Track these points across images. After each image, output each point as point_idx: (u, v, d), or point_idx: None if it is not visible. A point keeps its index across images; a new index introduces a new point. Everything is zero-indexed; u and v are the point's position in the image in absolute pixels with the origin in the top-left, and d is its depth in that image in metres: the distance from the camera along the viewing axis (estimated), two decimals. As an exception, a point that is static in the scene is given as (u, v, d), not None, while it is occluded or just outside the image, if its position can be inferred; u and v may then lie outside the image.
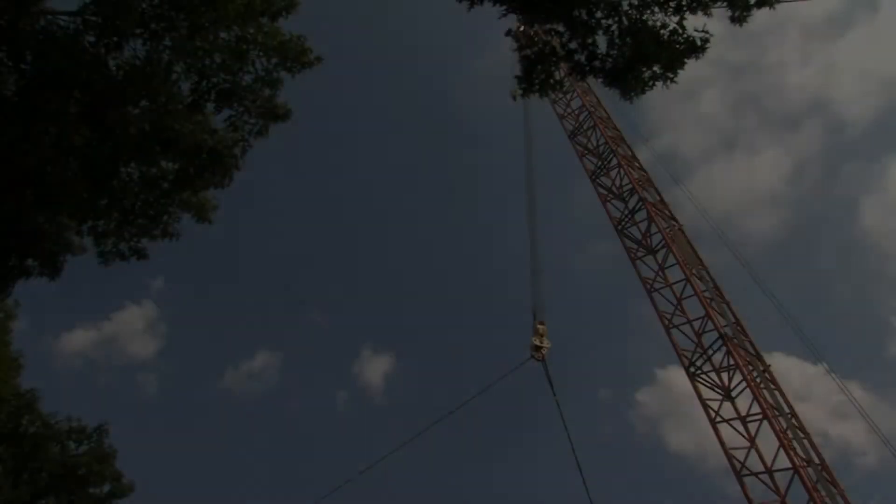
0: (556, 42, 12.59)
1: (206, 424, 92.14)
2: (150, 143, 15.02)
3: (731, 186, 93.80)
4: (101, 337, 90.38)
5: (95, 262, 16.77)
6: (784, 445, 25.26)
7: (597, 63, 12.17)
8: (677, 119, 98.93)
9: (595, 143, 35.65)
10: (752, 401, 27.04)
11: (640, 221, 32.54)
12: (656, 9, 11.80)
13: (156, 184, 16.25)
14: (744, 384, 27.43)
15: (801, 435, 26.31)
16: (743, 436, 27.02)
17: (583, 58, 12.24)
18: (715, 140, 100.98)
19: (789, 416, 26.75)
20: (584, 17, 11.87)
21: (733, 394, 28.02)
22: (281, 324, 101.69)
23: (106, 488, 19.79)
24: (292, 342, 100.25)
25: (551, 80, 12.95)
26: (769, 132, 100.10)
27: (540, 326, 28.82)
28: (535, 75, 12.75)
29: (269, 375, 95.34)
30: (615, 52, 11.97)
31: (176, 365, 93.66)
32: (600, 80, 12.50)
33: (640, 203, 32.48)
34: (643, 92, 12.39)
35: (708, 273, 31.16)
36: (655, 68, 11.90)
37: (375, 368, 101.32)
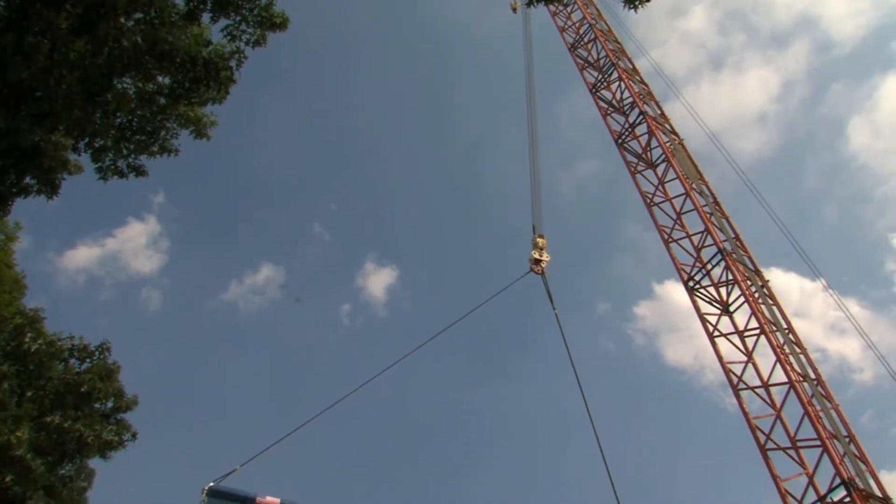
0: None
1: (210, 339, 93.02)
2: (144, 56, 14.68)
3: (717, 105, 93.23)
4: (105, 254, 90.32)
5: (96, 180, 16.61)
6: (781, 360, 25.45)
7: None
8: (664, 36, 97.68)
9: (595, 56, 35.11)
10: (750, 315, 27.15)
11: (641, 136, 32.24)
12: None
13: (152, 99, 16.00)
14: (742, 299, 27.50)
15: (798, 350, 26.51)
16: (740, 350, 27.23)
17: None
18: (702, 58, 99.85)
19: (786, 331, 26.91)
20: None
21: (731, 308, 28.13)
22: (284, 237, 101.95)
23: (110, 404, 19.95)
24: (296, 255, 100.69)
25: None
26: (757, 50, 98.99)
27: (539, 240, 28.72)
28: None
29: (273, 289, 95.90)
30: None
31: (179, 280, 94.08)
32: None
33: (641, 117, 32.08)
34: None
35: (708, 187, 31.00)
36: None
37: (378, 281, 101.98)
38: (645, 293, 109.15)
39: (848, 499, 22.45)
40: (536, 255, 28.28)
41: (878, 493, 23.05)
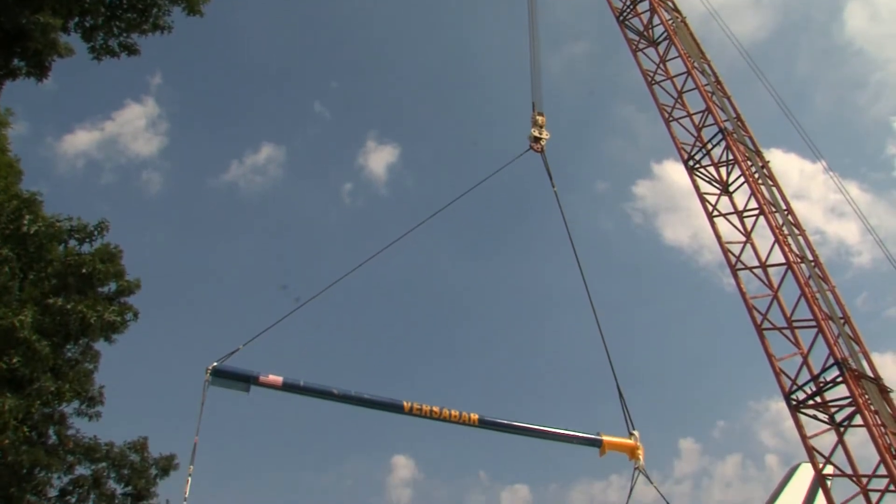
0: None
1: (212, 220, 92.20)
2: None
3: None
4: (103, 137, 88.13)
5: (91, 62, 15.90)
6: (779, 241, 25.53)
7: None
8: None
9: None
10: (750, 196, 27.10)
11: (643, 13, 31.39)
12: None
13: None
14: (742, 179, 27.40)
15: (797, 232, 26.60)
16: (739, 230, 27.27)
17: None
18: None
19: (786, 212, 26.92)
20: None
21: (731, 188, 28.05)
22: (284, 116, 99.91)
23: (112, 287, 19.57)
24: (296, 134, 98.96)
25: None
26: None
27: (539, 117, 28.06)
28: None
29: (274, 169, 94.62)
30: None
31: (180, 162, 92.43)
32: None
33: (643, -7, 31.24)
34: None
35: (710, 66, 30.43)
36: None
37: (379, 160, 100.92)
38: (644, 172, 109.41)
39: (840, 378, 22.96)
40: (536, 133, 27.65)
41: (870, 374, 23.58)
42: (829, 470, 23.60)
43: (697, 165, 28.58)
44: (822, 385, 23.74)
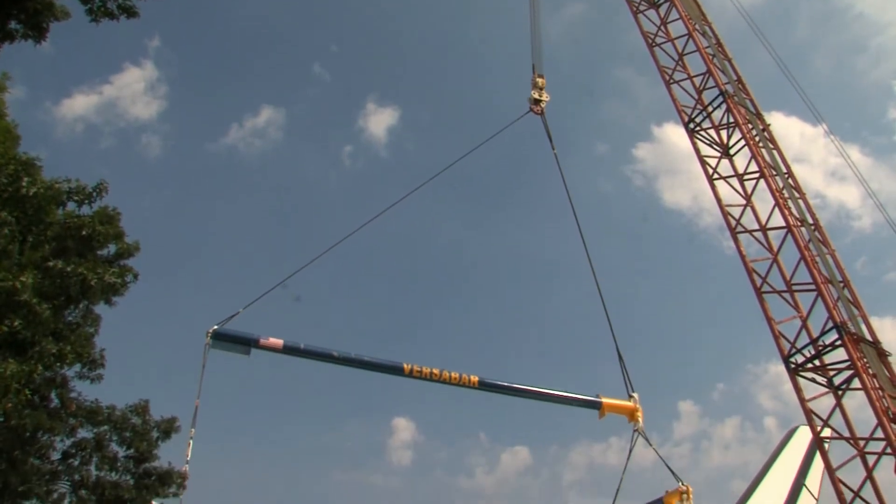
0: None
1: (212, 183, 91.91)
2: None
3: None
4: (102, 101, 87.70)
5: (88, 24, 15.63)
6: (779, 204, 25.52)
7: None
8: None
9: None
10: (750, 159, 27.05)
11: (645, -25, 31.11)
12: None
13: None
14: (742, 142, 27.33)
15: (797, 195, 26.58)
16: (739, 193, 27.23)
17: None
18: None
19: (786, 175, 26.88)
20: None
21: (732, 151, 27.97)
22: (284, 79, 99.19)
23: (112, 250, 19.51)
24: (296, 97, 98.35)
25: None
26: None
27: (539, 80, 27.94)
28: None
29: (274, 131, 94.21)
30: None
31: (179, 125, 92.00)
32: None
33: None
34: None
35: (711, 28, 30.23)
36: None
37: (380, 122, 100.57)
38: (644, 135, 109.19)
39: (839, 342, 23.05)
40: (536, 95, 27.57)
41: (869, 338, 23.68)
42: (826, 433, 23.79)
43: (698, 128, 28.47)
44: (820, 348, 23.84)
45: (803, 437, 35.53)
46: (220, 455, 65.77)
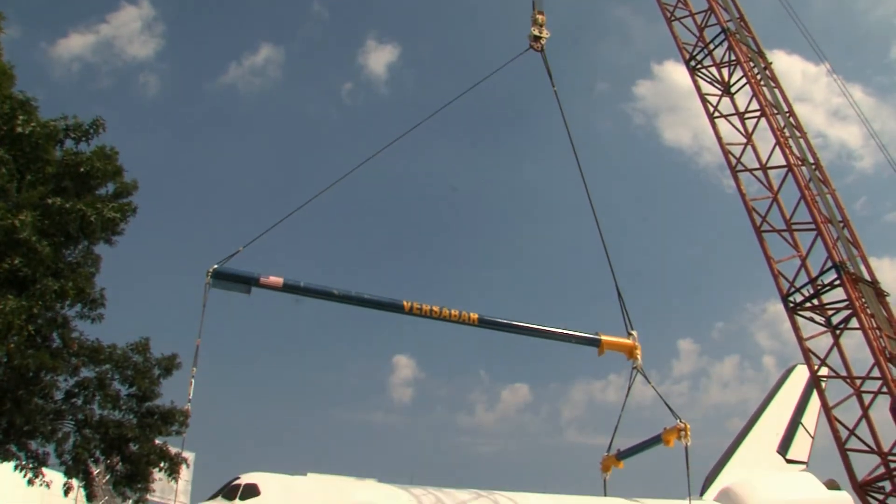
0: None
1: (211, 123, 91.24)
2: None
3: None
4: (98, 41, 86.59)
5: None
6: (780, 143, 25.46)
7: None
8: None
9: None
10: (752, 97, 26.97)
11: None
12: None
13: None
14: (744, 80, 27.21)
15: (798, 134, 26.49)
16: (740, 132, 27.17)
17: None
18: None
19: (787, 114, 26.75)
20: None
21: (733, 89, 27.84)
22: (282, 16, 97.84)
23: (111, 189, 19.33)
24: (295, 35, 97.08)
25: None
26: None
27: (539, 16, 27.72)
28: None
29: (273, 70, 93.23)
30: None
31: (177, 64, 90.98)
32: None
33: None
34: None
35: (714, -37, 29.66)
36: None
37: (379, 59, 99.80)
38: (644, 73, 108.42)
39: (838, 281, 23.16)
40: (536, 32, 27.41)
41: (868, 278, 23.78)
42: (823, 371, 24.05)
43: (699, 66, 28.29)
44: (819, 288, 23.98)
45: (801, 375, 35.92)
46: (223, 393, 66.47)
